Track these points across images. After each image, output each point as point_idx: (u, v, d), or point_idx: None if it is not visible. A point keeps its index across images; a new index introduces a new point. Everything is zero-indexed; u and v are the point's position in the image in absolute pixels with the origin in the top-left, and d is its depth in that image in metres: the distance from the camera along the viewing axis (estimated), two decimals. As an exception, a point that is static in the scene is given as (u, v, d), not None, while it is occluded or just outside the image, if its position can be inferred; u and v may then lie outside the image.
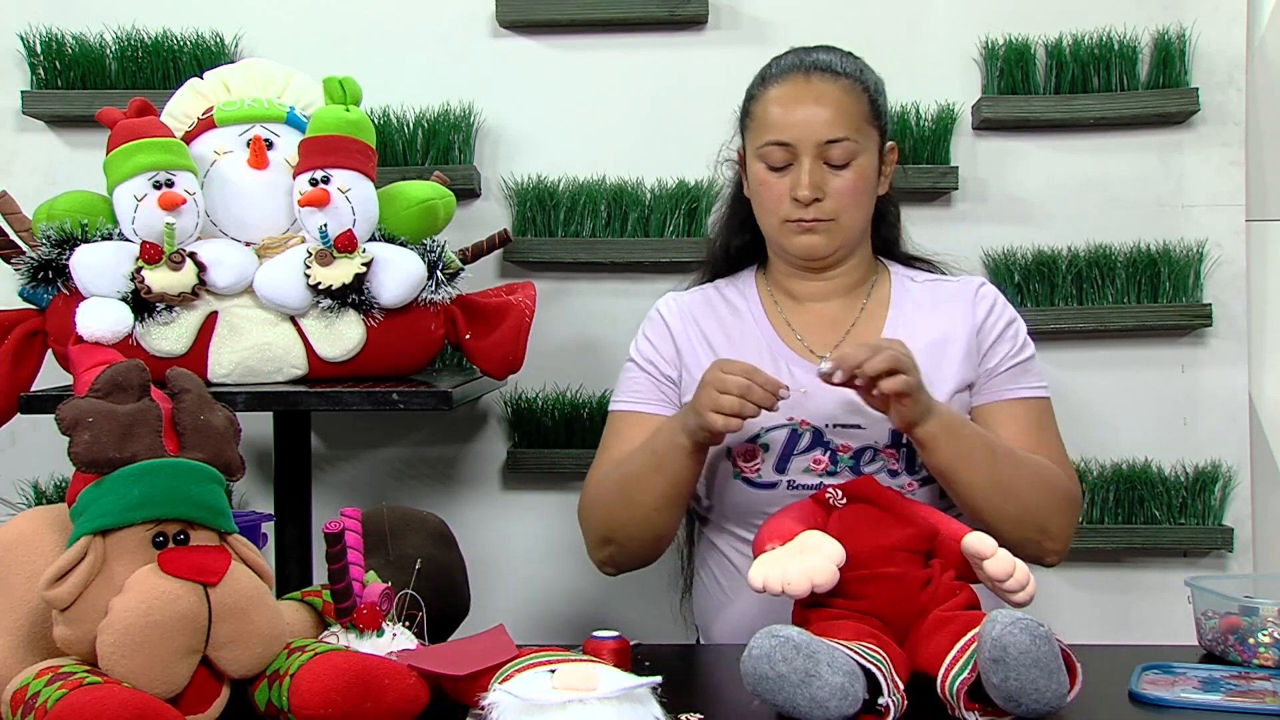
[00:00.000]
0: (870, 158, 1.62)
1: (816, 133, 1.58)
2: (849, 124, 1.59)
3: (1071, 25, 2.07)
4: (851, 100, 1.60)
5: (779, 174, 1.60)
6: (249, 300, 1.64)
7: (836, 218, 1.60)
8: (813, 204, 1.59)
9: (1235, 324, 2.08)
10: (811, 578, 1.23)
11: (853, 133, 1.59)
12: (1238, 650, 1.38)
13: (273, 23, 2.13)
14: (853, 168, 1.59)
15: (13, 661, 1.16)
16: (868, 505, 1.33)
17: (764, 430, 1.58)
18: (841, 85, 1.60)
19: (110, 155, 1.60)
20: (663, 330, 1.69)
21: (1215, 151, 2.08)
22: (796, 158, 1.59)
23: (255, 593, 1.15)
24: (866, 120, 1.61)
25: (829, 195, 1.59)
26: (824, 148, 1.58)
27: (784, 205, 1.60)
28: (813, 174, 1.58)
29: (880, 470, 1.57)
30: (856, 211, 1.62)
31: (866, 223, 1.67)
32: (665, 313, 1.71)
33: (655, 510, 1.57)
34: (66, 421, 1.15)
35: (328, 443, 2.16)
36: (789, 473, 1.59)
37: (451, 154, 2.08)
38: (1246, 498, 2.07)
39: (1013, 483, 1.51)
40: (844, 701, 1.13)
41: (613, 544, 1.64)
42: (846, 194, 1.60)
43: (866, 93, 1.62)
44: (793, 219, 1.61)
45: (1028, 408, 1.64)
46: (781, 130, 1.59)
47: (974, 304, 1.66)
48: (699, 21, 2.10)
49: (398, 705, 1.14)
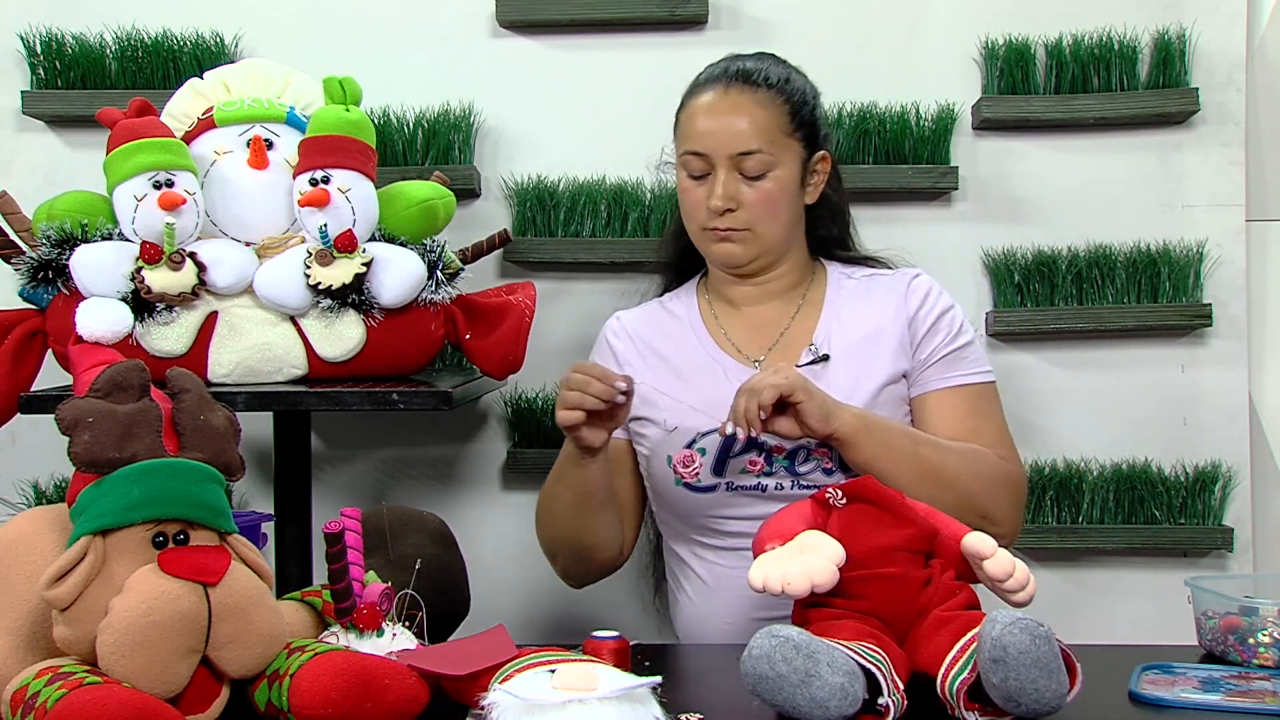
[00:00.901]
0: (789, 169, 1.64)
1: (729, 145, 1.61)
2: (763, 137, 1.62)
3: (1071, 25, 2.07)
4: (768, 113, 1.63)
5: (698, 182, 1.65)
6: (249, 300, 1.64)
7: (751, 228, 1.64)
8: (726, 214, 1.63)
9: (1235, 324, 2.08)
10: (811, 577, 1.24)
11: (766, 145, 1.62)
12: (1238, 650, 1.38)
13: (273, 23, 2.13)
14: (769, 179, 1.62)
15: (13, 661, 1.16)
16: (867, 505, 1.33)
17: (699, 435, 1.63)
18: (759, 97, 1.63)
19: (110, 155, 1.60)
20: (605, 352, 1.77)
21: (1215, 151, 2.08)
22: (713, 168, 1.63)
23: (255, 593, 1.15)
24: (783, 132, 1.64)
25: (743, 206, 1.63)
26: (738, 159, 1.62)
27: (701, 213, 1.65)
28: (726, 185, 1.62)
29: (815, 470, 1.61)
30: (772, 222, 1.65)
31: (788, 232, 1.69)
32: (609, 334, 1.78)
33: (571, 519, 1.65)
34: (66, 421, 1.15)
35: (328, 443, 2.16)
36: (727, 474, 1.63)
37: (451, 154, 2.08)
38: (1246, 498, 2.07)
39: (941, 472, 1.54)
40: (844, 701, 1.13)
41: (555, 557, 1.73)
42: (760, 205, 1.63)
43: (788, 104, 1.65)
44: (709, 227, 1.65)
45: (963, 395, 1.66)
46: (697, 140, 1.64)
47: (906, 296, 1.68)
48: (699, 21, 2.09)
49: (398, 705, 1.14)
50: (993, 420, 1.67)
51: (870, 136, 2.06)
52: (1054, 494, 2.06)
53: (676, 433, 1.65)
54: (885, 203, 2.08)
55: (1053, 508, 2.06)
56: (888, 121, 2.06)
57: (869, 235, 1.87)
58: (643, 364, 1.72)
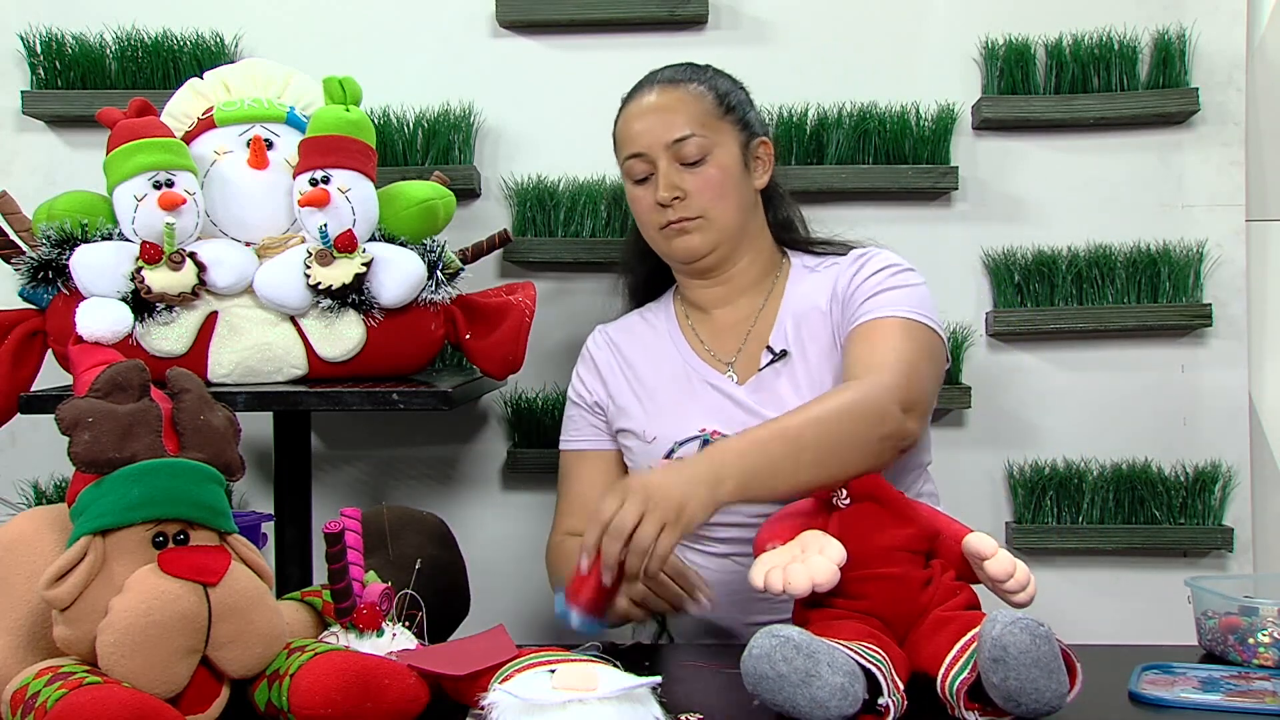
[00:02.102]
0: (728, 151, 1.66)
1: (662, 135, 1.64)
2: (694, 121, 1.64)
3: (1071, 25, 2.07)
4: (694, 100, 1.66)
5: (643, 186, 1.67)
6: (249, 300, 1.64)
7: (704, 214, 1.65)
8: (675, 204, 1.64)
9: (1235, 324, 2.08)
10: (812, 577, 1.24)
11: (698, 128, 1.64)
12: (1238, 650, 1.38)
13: (273, 23, 2.13)
14: (710, 163, 1.64)
15: (13, 661, 1.16)
16: (869, 505, 1.33)
17: (677, 445, 1.64)
18: (682, 90, 1.66)
19: (110, 155, 1.60)
20: (589, 365, 1.78)
21: (1215, 151, 2.08)
22: (654, 166, 1.64)
23: (255, 593, 1.15)
24: (714, 116, 1.66)
25: (690, 193, 1.64)
26: (673, 148, 1.63)
27: (654, 214, 1.66)
28: (668, 175, 1.64)
29: None
30: (723, 205, 1.65)
31: (742, 216, 1.68)
32: (591, 348, 1.80)
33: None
34: (66, 421, 1.15)
35: (328, 443, 2.16)
36: None
37: (451, 154, 2.08)
38: (1246, 498, 2.07)
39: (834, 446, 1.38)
40: (844, 701, 1.13)
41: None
42: (707, 189, 1.64)
43: (712, 91, 1.67)
44: (663, 225, 1.66)
45: (874, 327, 1.54)
46: (632, 142, 1.66)
47: (849, 266, 1.66)
48: (699, 21, 2.10)
49: (398, 705, 1.14)
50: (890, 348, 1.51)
51: (870, 136, 2.06)
52: (1054, 494, 2.06)
53: (655, 443, 1.67)
54: (885, 203, 2.08)
55: (1053, 508, 2.06)
56: (888, 121, 2.06)
57: (869, 235, 1.87)
58: (620, 375, 1.75)
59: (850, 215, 1.90)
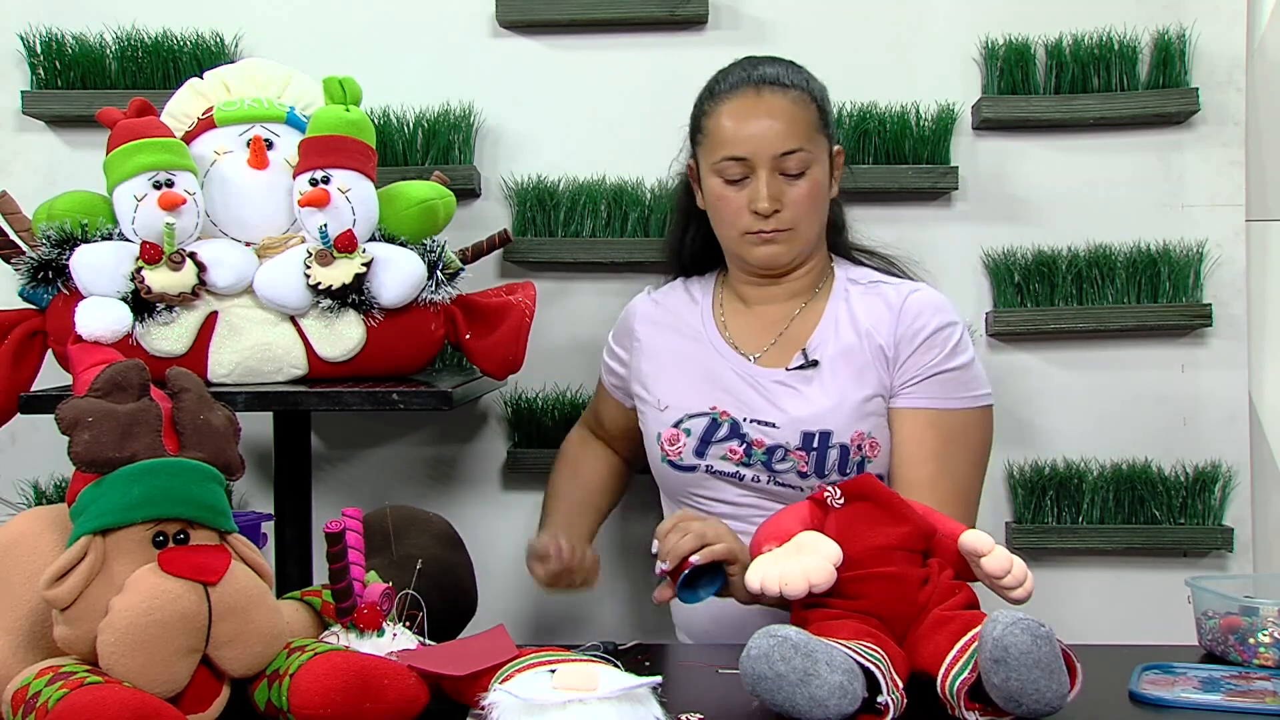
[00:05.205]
0: (822, 165, 1.67)
1: (771, 146, 1.62)
2: (801, 134, 1.63)
3: (1071, 25, 2.07)
4: (801, 110, 1.65)
5: (736, 187, 1.65)
6: (249, 300, 1.64)
7: (795, 226, 1.66)
8: (772, 215, 1.64)
9: (1235, 324, 2.08)
10: (809, 578, 1.24)
11: (805, 142, 1.64)
12: (1238, 650, 1.38)
13: (273, 23, 2.13)
14: (807, 176, 1.64)
15: (13, 661, 1.16)
16: (865, 505, 1.33)
17: (686, 416, 1.68)
18: (791, 97, 1.65)
19: (110, 155, 1.60)
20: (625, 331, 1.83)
21: (1215, 151, 2.07)
22: (753, 171, 1.63)
23: (255, 592, 1.15)
24: (816, 129, 1.66)
25: (787, 205, 1.64)
26: (779, 160, 1.63)
27: (743, 218, 1.65)
28: (770, 186, 1.63)
29: (790, 471, 1.62)
30: (813, 218, 1.67)
31: (822, 228, 1.72)
32: (628, 313, 1.85)
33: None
34: (66, 421, 1.15)
35: (328, 443, 2.16)
36: (707, 458, 1.67)
37: (451, 154, 2.08)
38: (1246, 498, 2.07)
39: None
40: (843, 700, 1.13)
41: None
42: (803, 203, 1.65)
43: (814, 102, 1.67)
44: (753, 231, 1.66)
45: (936, 421, 1.62)
46: (737, 145, 1.64)
47: (900, 313, 1.67)
48: (699, 21, 2.09)
49: (397, 705, 1.14)
50: (964, 462, 1.63)
51: (870, 136, 2.06)
52: (1054, 494, 2.06)
53: (668, 411, 1.70)
54: (885, 203, 2.08)
55: (1053, 508, 2.06)
56: (888, 121, 2.06)
57: (869, 235, 1.87)
58: (650, 339, 1.78)
59: (850, 215, 1.89)
